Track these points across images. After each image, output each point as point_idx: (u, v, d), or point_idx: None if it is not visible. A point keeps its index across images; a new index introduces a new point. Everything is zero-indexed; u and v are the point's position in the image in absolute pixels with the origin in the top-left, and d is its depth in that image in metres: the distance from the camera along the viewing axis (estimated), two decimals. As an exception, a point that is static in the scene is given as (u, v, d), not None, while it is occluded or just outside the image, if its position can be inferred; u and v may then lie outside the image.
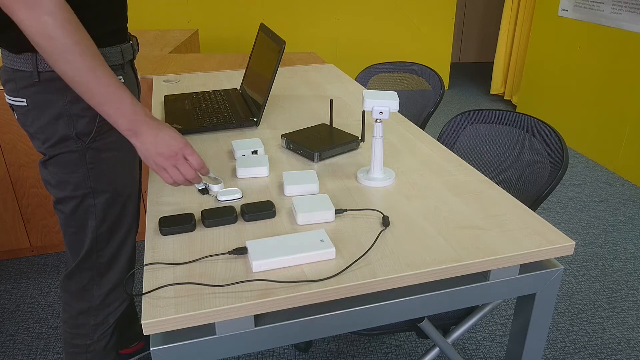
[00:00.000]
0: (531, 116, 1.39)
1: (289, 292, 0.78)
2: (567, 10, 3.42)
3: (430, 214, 0.99)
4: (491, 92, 4.46)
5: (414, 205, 1.02)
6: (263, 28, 1.56)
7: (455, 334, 1.24)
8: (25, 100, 1.03)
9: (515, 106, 4.22)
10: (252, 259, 0.82)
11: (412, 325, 1.21)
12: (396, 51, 4.54)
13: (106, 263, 1.19)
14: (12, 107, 1.07)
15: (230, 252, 0.86)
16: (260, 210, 0.97)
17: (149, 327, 0.73)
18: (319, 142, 1.26)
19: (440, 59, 4.64)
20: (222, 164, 1.23)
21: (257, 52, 1.59)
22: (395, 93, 1.05)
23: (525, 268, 0.92)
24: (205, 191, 1.08)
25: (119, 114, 0.92)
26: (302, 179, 1.08)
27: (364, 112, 1.15)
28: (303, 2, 4.19)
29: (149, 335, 1.64)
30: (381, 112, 1.04)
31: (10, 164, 2.05)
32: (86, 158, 1.08)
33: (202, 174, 1.01)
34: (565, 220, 2.58)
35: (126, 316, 1.63)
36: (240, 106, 1.56)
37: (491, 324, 1.88)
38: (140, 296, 0.82)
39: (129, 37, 1.16)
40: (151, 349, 0.77)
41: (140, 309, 1.84)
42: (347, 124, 1.47)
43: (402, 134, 1.39)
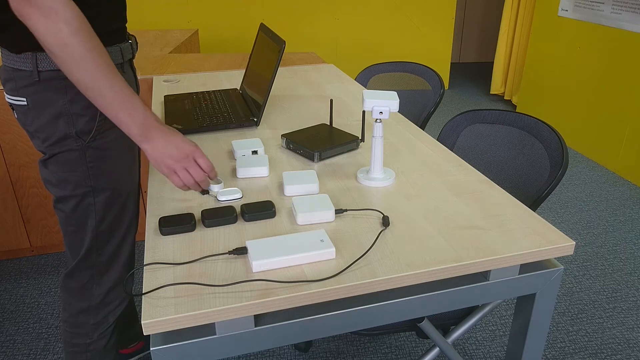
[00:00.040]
0: (531, 116, 1.39)
1: (289, 292, 0.78)
2: (567, 10, 3.42)
3: (430, 214, 0.99)
4: (491, 92, 4.47)
5: (414, 205, 1.02)
6: (263, 28, 1.56)
7: (455, 334, 1.24)
8: (25, 99, 1.03)
9: (515, 106, 4.22)
10: (252, 259, 0.82)
11: (412, 325, 1.21)
12: (396, 51, 4.54)
13: (106, 262, 1.19)
14: (12, 107, 1.07)
15: (230, 252, 0.86)
16: (260, 210, 0.97)
17: (149, 327, 0.73)
18: (319, 142, 1.26)
19: (440, 59, 4.64)
20: (222, 164, 1.23)
21: (257, 52, 1.59)
22: (395, 93, 1.05)
23: (525, 268, 0.92)
24: (205, 191, 1.08)
25: (131, 120, 0.93)
26: (302, 179, 1.08)
27: (364, 112, 1.15)
28: (303, 2, 4.19)
29: (148, 335, 1.64)
30: (381, 112, 1.04)
31: (10, 164, 2.05)
32: (86, 157, 1.08)
33: (211, 178, 1.02)
34: (565, 220, 2.58)
35: (126, 316, 1.63)
36: (240, 106, 1.56)
37: (491, 324, 1.88)
38: (140, 296, 0.82)
39: (128, 36, 1.16)
40: (151, 349, 0.77)
41: (140, 308, 1.84)
42: (347, 124, 1.47)
43: (402, 134, 1.39)
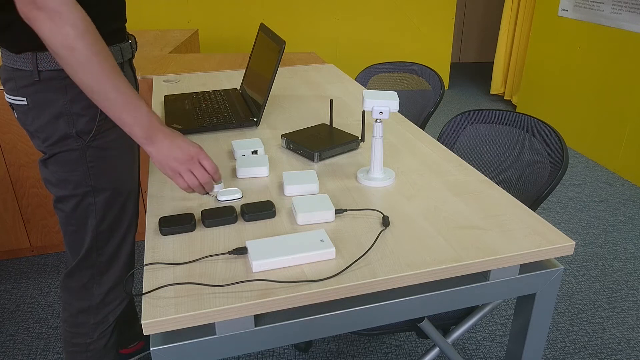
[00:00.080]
0: (531, 116, 1.39)
1: (289, 292, 0.78)
2: (567, 10, 3.42)
3: (430, 214, 0.99)
4: (491, 92, 4.47)
5: (414, 205, 1.02)
6: (263, 28, 1.56)
7: (455, 334, 1.24)
8: (25, 99, 1.03)
9: (515, 106, 4.22)
10: (252, 259, 0.82)
11: (412, 325, 1.21)
12: (396, 51, 4.54)
13: (106, 261, 1.19)
14: (12, 106, 1.07)
15: (230, 252, 0.86)
16: (260, 210, 0.97)
17: (149, 327, 0.73)
18: (319, 142, 1.26)
19: (440, 59, 4.64)
20: (222, 164, 1.23)
21: (257, 52, 1.59)
22: (395, 93, 1.05)
23: (525, 268, 0.92)
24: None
25: (136, 123, 0.93)
26: (302, 179, 1.08)
27: (364, 112, 1.15)
28: (303, 2, 4.19)
29: (148, 335, 1.64)
30: (381, 112, 1.04)
31: (10, 164, 2.05)
32: (86, 156, 1.08)
33: (215, 180, 1.02)
34: (565, 220, 2.58)
35: (126, 315, 1.63)
36: (240, 106, 1.56)
37: (491, 324, 1.88)
38: (140, 296, 0.82)
39: (127, 36, 1.16)
40: (151, 349, 0.77)
41: (140, 308, 1.84)
42: (347, 124, 1.47)
43: (402, 134, 1.39)
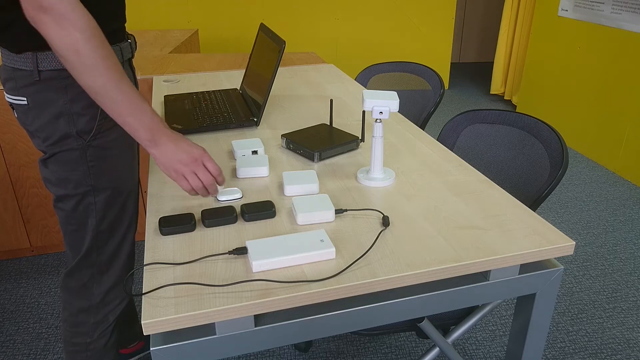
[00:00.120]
0: (531, 116, 1.39)
1: (289, 292, 0.78)
2: (567, 10, 3.42)
3: (430, 214, 0.99)
4: (491, 92, 4.47)
5: (414, 205, 1.02)
6: (263, 28, 1.56)
7: (455, 334, 1.24)
8: (25, 98, 1.03)
9: (515, 106, 4.22)
10: (252, 259, 0.82)
11: (412, 325, 1.21)
12: (396, 51, 4.54)
13: (106, 261, 1.19)
14: (12, 106, 1.07)
15: (230, 252, 0.86)
16: (260, 210, 0.97)
17: (149, 327, 0.73)
18: (319, 142, 1.26)
19: (440, 59, 4.64)
20: (222, 164, 1.23)
21: (257, 52, 1.59)
22: (395, 93, 1.05)
23: (525, 268, 0.92)
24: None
25: (140, 125, 0.94)
26: (302, 179, 1.08)
27: (364, 112, 1.15)
28: (303, 2, 4.19)
29: (148, 335, 1.64)
30: (381, 112, 1.04)
31: (10, 164, 2.05)
32: (87, 156, 1.08)
33: (219, 182, 1.02)
34: (565, 220, 2.58)
35: (126, 315, 1.63)
36: (240, 106, 1.56)
37: (491, 324, 1.88)
38: (140, 296, 0.82)
39: (127, 36, 1.16)
40: (151, 349, 0.77)
41: (140, 308, 1.84)
42: (347, 124, 1.47)
43: (402, 134, 1.39)
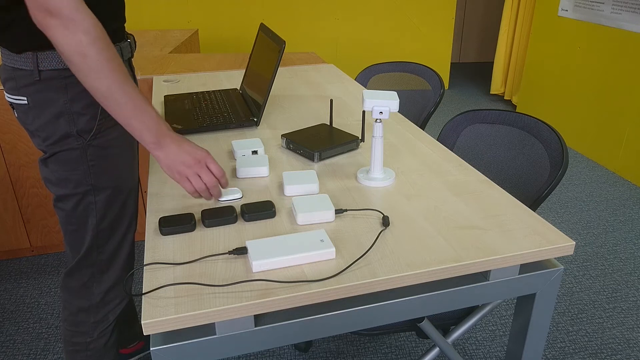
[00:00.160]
0: (531, 116, 1.39)
1: (289, 292, 0.78)
2: (567, 10, 3.42)
3: (430, 214, 0.99)
4: (491, 92, 4.47)
5: (414, 205, 1.02)
6: (263, 28, 1.56)
7: (455, 334, 1.24)
8: (25, 98, 1.03)
9: (515, 106, 4.22)
10: (252, 259, 0.82)
11: (412, 325, 1.21)
12: (396, 51, 4.54)
13: (106, 260, 1.19)
14: (13, 106, 1.07)
15: (230, 252, 0.86)
16: (260, 210, 0.97)
17: (149, 327, 0.73)
18: (319, 142, 1.26)
19: (440, 59, 4.64)
20: (222, 164, 1.23)
21: (257, 52, 1.59)
22: (395, 93, 1.05)
23: (525, 268, 0.92)
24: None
25: (144, 128, 0.94)
26: (302, 179, 1.08)
27: (364, 112, 1.15)
28: (303, 2, 4.19)
29: (148, 335, 1.64)
30: (381, 112, 1.04)
31: (10, 164, 2.05)
32: (87, 155, 1.08)
33: (222, 184, 1.01)
34: (565, 220, 2.58)
35: (126, 315, 1.63)
36: (240, 106, 1.56)
37: (491, 324, 1.88)
38: (140, 296, 0.82)
39: (126, 35, 1.17)
40: (151, 349, 0.77)
41: (140, 308, 1.84)
42: (347, 124, 1.47)
43: (402, 134, 1.39)
